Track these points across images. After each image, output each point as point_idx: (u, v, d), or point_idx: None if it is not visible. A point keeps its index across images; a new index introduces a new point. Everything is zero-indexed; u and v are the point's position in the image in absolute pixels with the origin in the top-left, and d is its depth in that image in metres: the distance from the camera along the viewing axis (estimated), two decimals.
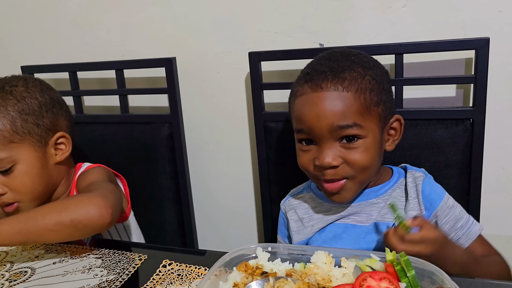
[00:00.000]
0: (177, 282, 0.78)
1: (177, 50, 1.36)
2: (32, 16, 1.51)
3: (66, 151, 1.09)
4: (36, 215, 0.85)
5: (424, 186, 0.94)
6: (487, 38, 1.01)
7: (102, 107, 1.52)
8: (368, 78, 0.88)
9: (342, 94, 0.85)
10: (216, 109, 1.39)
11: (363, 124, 0.86)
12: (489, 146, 1.11)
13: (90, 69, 1.40)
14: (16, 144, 1.00)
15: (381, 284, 0.61)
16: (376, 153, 0.89)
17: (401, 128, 0.95)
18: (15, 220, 0.85)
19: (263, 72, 1.22)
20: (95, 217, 0.86)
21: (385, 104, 0.90)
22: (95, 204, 0.87)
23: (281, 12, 1.23)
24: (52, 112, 1.06)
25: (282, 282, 0.64)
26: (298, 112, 0.90)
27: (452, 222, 0.91)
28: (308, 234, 1.00)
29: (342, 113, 0.85)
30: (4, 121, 0.99)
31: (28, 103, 1.02)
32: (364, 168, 0.88)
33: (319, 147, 0.88)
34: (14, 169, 0.99)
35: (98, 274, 0.83)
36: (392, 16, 1.15)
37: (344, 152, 0.87)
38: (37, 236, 0.85)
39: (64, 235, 0.88)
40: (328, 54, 0.94)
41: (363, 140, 0.87)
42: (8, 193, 1.00)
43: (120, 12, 1.40)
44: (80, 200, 0.88)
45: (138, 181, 1.36)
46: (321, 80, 0.87)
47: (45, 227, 0.84)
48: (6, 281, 0.83)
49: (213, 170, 1.45)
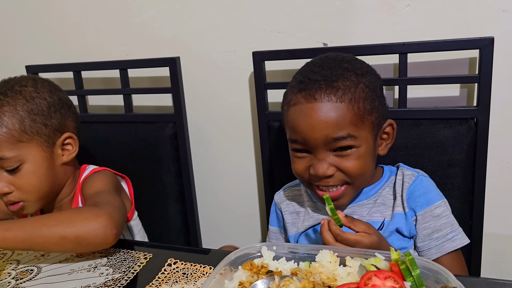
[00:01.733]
0: (182, 281, 0.78)
1: (181, 49, 1.36)
2: (37, 16, 1.51)
3: (72, 152, 1.09)
4: (42, 226, 0.86)
5: (413, 187, 0.94)
6: (491, 38, 1.01)
7: (106, 107, 1.53)
8: (362, 86, 0.88)
9: (336, 105, 0.85)
10: (219, 109, 1.39)
11: (357, 134, 0.86)
12: (493, 146, 1.11)
13: (94, 68, 1.41)
14: (24, 143, 1.00)
15: (386, 283, 0.61)
16: (369, 160, 0.90)
17: (393, 132, 0.95)
18: (20, 229, 0.86)
19: (266, 71, 1.22)
20: (100, 237, 0.86)
21: (378, 111, 0.90)
22: (101, 224, 0.87)
23: (285, 12, 1.23)
24: (60, 113, 1.07)
25: (287, 281, 0.65)
26: (292, 123, 0.90)
27: (429, 231, 0.91)
28: (300, 228, 1.01)
29: (336, 125, 0.85)
30: (13, 120, 0.99)
31: (37, 103, 1.03)
32: (358, 175, 0.89)
33: (314, 156, 0.89)
34: (21, 168, 1.00)
35: (104, 272, 0.83)
36: (395, 15, 1.15)
37: (337, 160, 0.87)
38: (40, 246, 0.86)
39: (66, 249, 0.89)
40: (321, 60, 0.93)
41: (357, 149, 0.87)
42: (14, 192, 1.00)
43: (124, 12, 1.40)
44: (86, 217, 0.88)
45: (142, 180, 1.36)
46: (315, 90, 0.86)
47: (49, 240, 0.85)
48: (12, 279, 0.84)
49: (217, 169, 1.46)
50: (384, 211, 0.94)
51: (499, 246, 1.23)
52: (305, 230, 1.01)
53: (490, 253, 1.21)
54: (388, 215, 0.94)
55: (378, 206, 0.95)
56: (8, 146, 0.98)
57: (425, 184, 0.95)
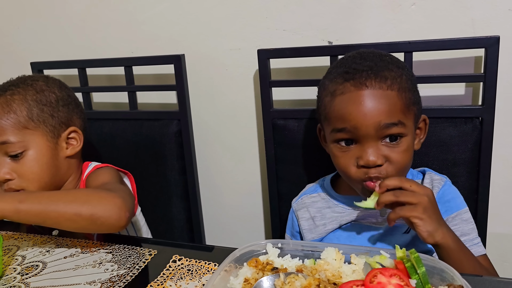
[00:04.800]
0: (187, 277, 0.78)
1: (186, 47, 1.36)
2: (42, 12, 1.52)
3: (77, 146, 1.11)
4: (58, 201, 0.87)
5: (443, 191, 0.94)
6: (497, 37, 1.01)
7: (111, 104, 1.53)
8: (405, 77, 0.88)
9: (387, 93, 0.85)
10: (224, 106, 1.39)
11: (406, 122, 0.87)
12: (498, 145, 1.11)
13: (99, 65, 1.41)
14: (30, 130, 1.03)
15: (392, 281, 0.61)
16: (412, 153, 0.90)
17: (425, 127, 0.95)
18: (35, 201, 0.87)
19: (271, 69, 1.22)
20: (114, 217, 0.88)
21: (419, 104, 0.91)
22: (116, 205, 0.89)
23: (290, 10, 1.23)
24: (68, 108, 1.10)
25: (293, 277, 0.65)
26: (342, 111, 0.87)
27: (458, 233, 0.90)
28: (322, 233, 1.00)
29: (388, 111, 0.85)
30: (22, 107, 1.03)
31: (46, 96, 1.07)
32: (404, 168, 0.89)
33: (362, 146, 0.87)
34: (25, 155, 1.02)
35: (109, 268, 0.84)
36: (401, 14, 1.15)
37: (387, 151, 0.86)
38: (53, 221, 0.87)
39: (79, 226, 0.90)
40: (359, 54, 0.93)
41: (405, 139, 0.87)
42: (16, 180, 1.02)
43: (129, 9, 1.40)
44: (102, 197, 0.90)
45: (146, 177, 1.37)
46: (365, 79, 0.86)
47: (64, 215, 0.86)
48: (18, 274, 0.84)
49: (221, 167, 1.46)
50: None
51: (503, 245, 1.23)
52: (327, 234, 1.00)
53: (494, 252, 1.21)
54: None
55: None
56: (14, 132, 1.01)
57: (453, 190, 0.95)
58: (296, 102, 1.30)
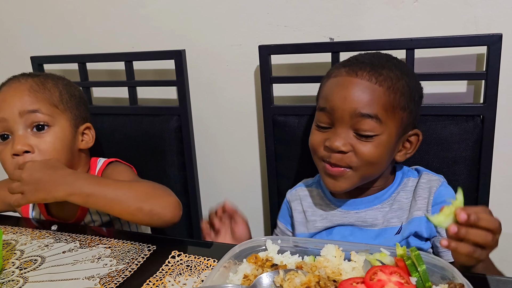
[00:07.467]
0: (186, 273, 0.78)
1: (186, 42, 1.36)
2: (42, 7, 1.51)
3: (89, 142, 1.15)
4: (123, 196, 0.94)
5: (440, 191, 0.93)
6: (500, 34, 1.01)
7: (111, 99, 1.53)
8: (403, 82, 0.89)
9: (374, 87, 0.87)
10: (224, 102, 1.39)
11: (384, 120, 0.87)
12: (499, 143, 1.10)
13: (100, 60, 1.40)
14: (59, 111, 1.07)
15: (392, 278, 0.61)
16: (385, 153, 0.90)
17: (417, 143, 0.95)
18: (93, 182, 0.94)
19: (272, 65, 1.21)
20: (169, 215, 0.96)
21: (411, 113, 0.91)
22: (172, 203, 0.97)
23: (292, 6, 1.23)
24: (86, 107, 1.17)
25: (292, 274, 0.64)
26: (327, 92, 0.92)
27: None
28: (311, 229, 1.01)
29: (368, 102, 0.86)
30: (55, 89, 1.09)
31: (73, 89, 1.15)
32: (369, 163, 0.89)
33: (335, 130, 0.90)
34: (49, 131, 1.05)
35: (108, 263, 0.84)
36: (403, 11, 1.14)
37: (355, 141, 0.88)
38: (116, 213, 0.95)
39: (138, 220, 0.96)
40: (374, 52, 0.97)
41: (378, 137, 0.88)
42: (35, 154, 1.01)
43: (130, 4, 1.40)
44: (161, 195, 0.98)
45: (146, 172, 1.36)
46: (358, 68, 0.89)
47: (127, 209, 0.93)
48: (16, 269, 0.84)
49: (221, 162, 1.46)
50: (401, 216, 0.94)
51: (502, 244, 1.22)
52: (318, 232, 1.00)
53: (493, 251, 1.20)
54: (405, 220, 0.93)
55: (395, 211, 0.95)
56: (46, 105, 1.05)
57: (449, 190, 0.95)
58: (297, 98, 1.30)
